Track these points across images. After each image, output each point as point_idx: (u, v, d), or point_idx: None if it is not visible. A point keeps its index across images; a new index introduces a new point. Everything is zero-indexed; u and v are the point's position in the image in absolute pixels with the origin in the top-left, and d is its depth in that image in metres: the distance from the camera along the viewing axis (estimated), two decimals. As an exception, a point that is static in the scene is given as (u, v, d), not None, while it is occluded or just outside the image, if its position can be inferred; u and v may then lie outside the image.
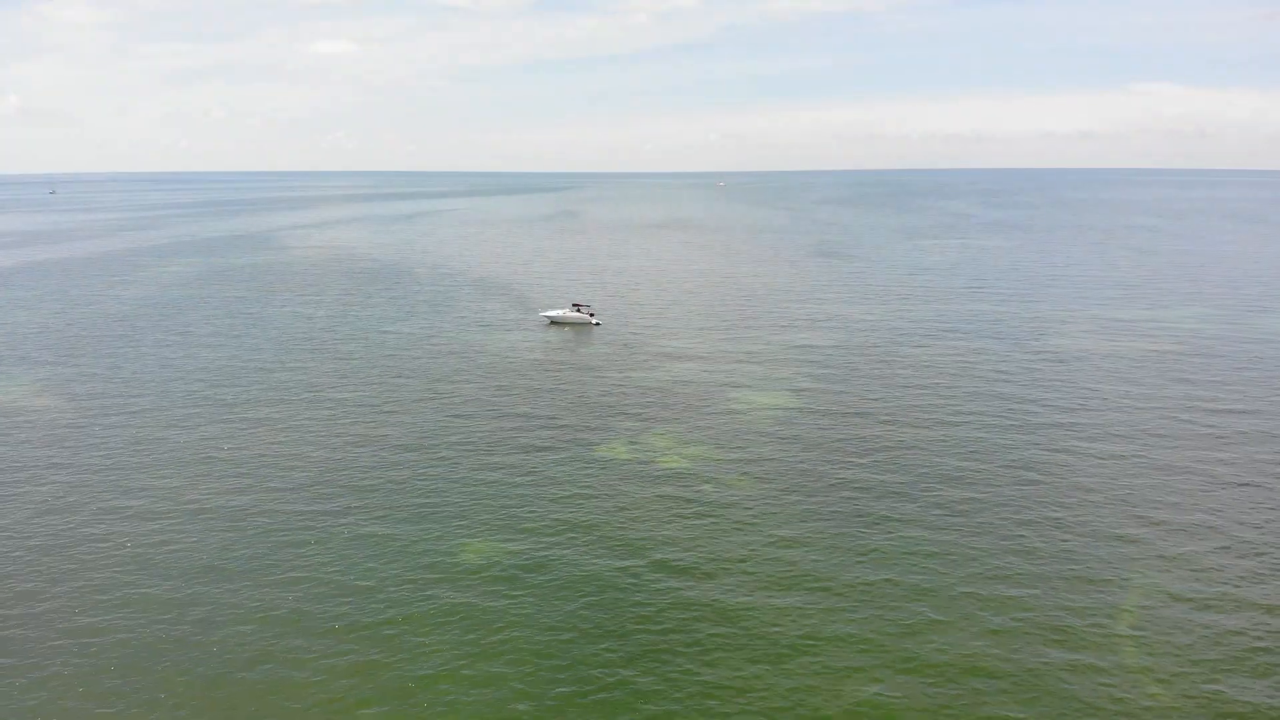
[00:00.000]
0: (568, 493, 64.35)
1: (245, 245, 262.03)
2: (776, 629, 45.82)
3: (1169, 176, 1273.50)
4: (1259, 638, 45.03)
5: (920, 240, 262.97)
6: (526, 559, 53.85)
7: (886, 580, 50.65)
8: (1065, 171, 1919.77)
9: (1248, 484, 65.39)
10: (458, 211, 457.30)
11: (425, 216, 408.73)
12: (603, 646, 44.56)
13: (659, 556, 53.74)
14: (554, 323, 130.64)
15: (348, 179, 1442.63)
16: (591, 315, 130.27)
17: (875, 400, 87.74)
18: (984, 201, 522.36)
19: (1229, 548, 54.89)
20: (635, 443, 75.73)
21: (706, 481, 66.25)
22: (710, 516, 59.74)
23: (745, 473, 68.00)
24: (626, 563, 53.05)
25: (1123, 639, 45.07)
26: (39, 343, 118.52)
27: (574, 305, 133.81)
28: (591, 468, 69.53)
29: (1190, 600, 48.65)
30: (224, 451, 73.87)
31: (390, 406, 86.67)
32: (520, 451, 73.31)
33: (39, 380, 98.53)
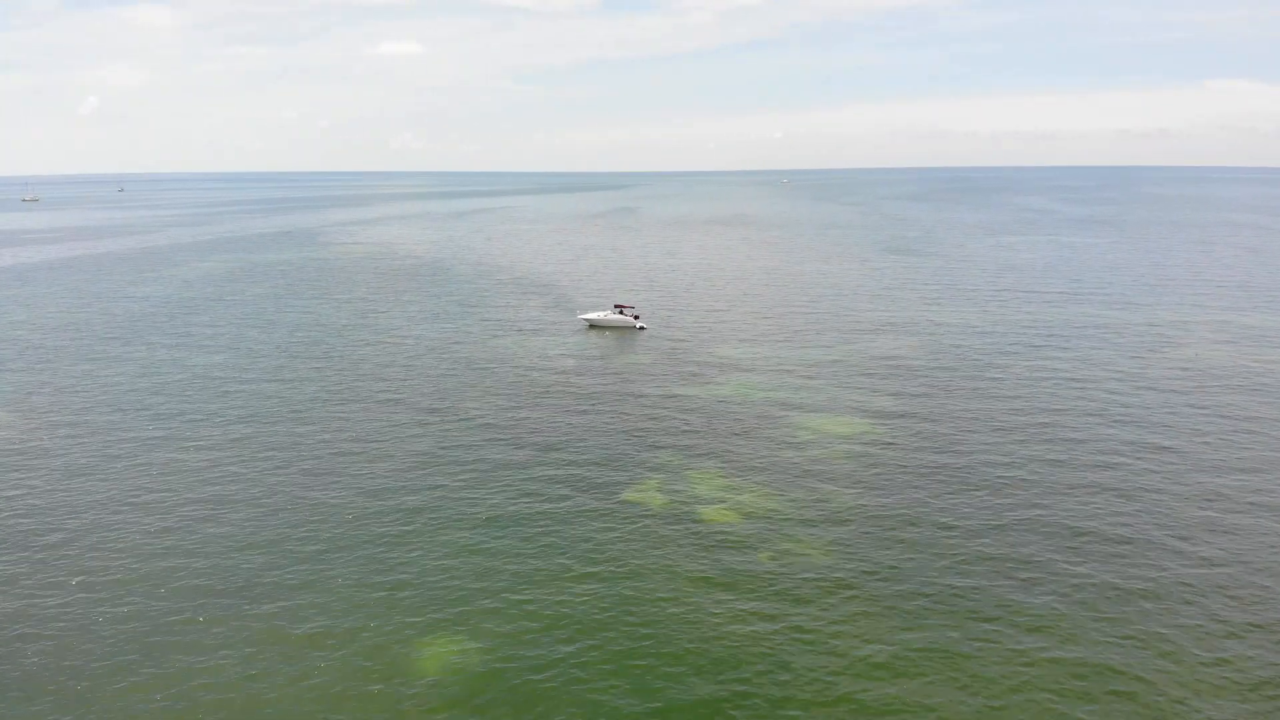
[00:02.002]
0: (572, 572, 48.35)
1: (288, 242, 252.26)
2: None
3: (1249, 174, 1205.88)
4: None
5: (1003, 237, 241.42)
6: (504, 688, 38.00)
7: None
8: (1141, 169, 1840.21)
9: None
10: (512, 209, 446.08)
11: (478, 214, 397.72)
12: None
13: (694, 699, 37.29)
14: (593, 326, 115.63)
15: (412, 179, 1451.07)
16: (635, 318, 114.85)
17: (977, 436, 70.13)
18: (1063, 198, 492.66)
19: None
20: (672, 486, 59.72)
21: (760, 555, 49.77)
22: (769, 622, 42.86)
23: (814, 539, 51.49)
24: (647, 709, 36.72)
25: None
26: (22, 345, 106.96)
27: (616, 307, 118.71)
28: (612, 528, 53.53)
29: None
30: (143, 496, 59.56)
31: (373, 437, 71.57)
32: (521, 508, 57.64)
33: (2, 390, 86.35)
